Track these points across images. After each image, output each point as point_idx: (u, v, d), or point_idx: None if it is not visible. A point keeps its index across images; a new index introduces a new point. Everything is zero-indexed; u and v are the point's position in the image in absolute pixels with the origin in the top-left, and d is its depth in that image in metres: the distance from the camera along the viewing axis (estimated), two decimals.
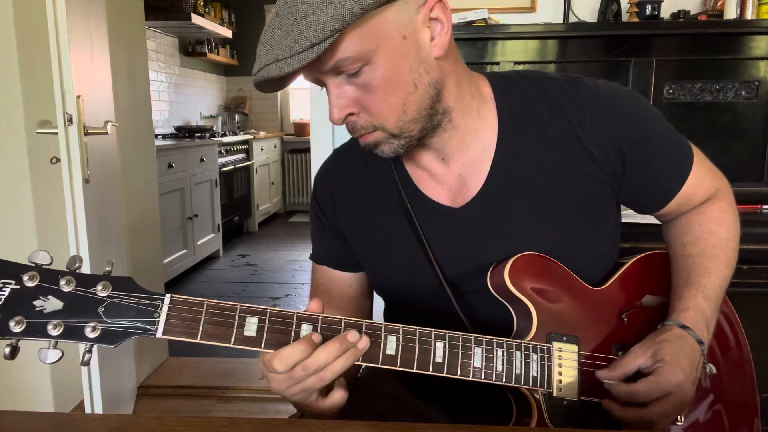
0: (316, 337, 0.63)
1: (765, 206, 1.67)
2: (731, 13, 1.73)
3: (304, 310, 0.66)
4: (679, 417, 0.78)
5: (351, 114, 0.71)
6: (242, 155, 4.87)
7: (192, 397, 2.22)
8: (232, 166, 4.59)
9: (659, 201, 0.84)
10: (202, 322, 0.60)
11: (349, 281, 0.91)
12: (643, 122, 0.80)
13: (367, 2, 0.62)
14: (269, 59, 0.64)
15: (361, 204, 0.87)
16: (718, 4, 1.82)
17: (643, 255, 0.87)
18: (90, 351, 0.58)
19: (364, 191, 0.87)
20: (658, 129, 0.81)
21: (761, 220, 1.59)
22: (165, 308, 0.59)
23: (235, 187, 4.71)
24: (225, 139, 4.44)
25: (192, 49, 5.11)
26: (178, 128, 4.56)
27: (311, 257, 0.94)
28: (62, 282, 0.57)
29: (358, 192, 0.87)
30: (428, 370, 0.67)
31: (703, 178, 0.84)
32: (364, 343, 0.65)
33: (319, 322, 0.65)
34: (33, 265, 0.57)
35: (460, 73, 0.77)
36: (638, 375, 0.73)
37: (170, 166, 3.41)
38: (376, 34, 0.65)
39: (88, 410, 1.74)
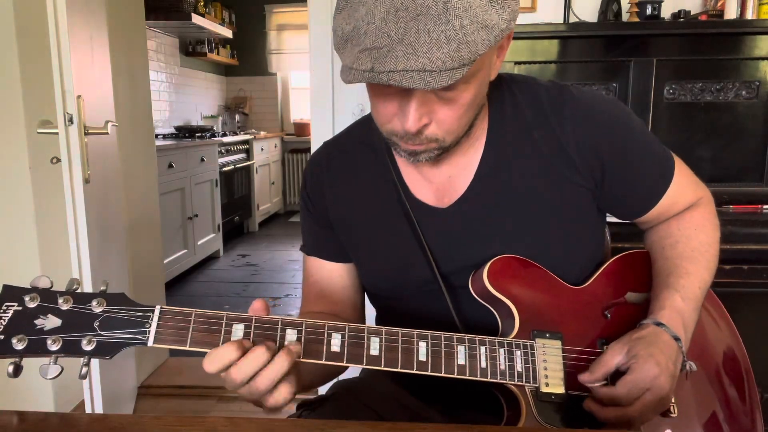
0: (247, 343, 0.63)
1: (765, 206, 1.67)
2: (732, 13, 1.73)
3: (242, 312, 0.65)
4: (671, 409, 0.78)
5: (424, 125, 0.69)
6: (242, 155, 4.87)
7: (192, 397, 2.22)
8: (233, 166, 4.59)
9: (639, 209, 0.86)
10: (190, 330, 0.63)
11: (339, 272, 0.92)
12: (624, 132, 0.81)
13: (502, 30, 0.63)
14: (412, 65, 0.59)
15: (351, 196, 0.88)
16: (719, 4, 1.81)
17: (623, 254, 0.88)
18: (87, 364, 0.62)
19: (354, 184, 0.88)
20: (638, 139, 0.82)
21: (761, 220, 1.59)
22: (155, 319, 0.63)
23: (236, 187, 4.71)
24: (225, 139, 4.43)
25: (192, 49, 5.11)
26: (178, 128, 4.56)
27: (301, 248, 0.95)
28: (60, 301, 0.61)
29: (348, 185, 0.88)
30: (413, 369, 0.68)
31: (685, 189, 0.86)
32: (297, 347, 0.64)
33: (303, 326, 0.66)
34: (35, 288, 0.61)
35: None
36: (616, 372, 0.73)
37: (170, 166, 3.41)
38: (483, 59, 0.67)
39: (88, 410, 1.75)
